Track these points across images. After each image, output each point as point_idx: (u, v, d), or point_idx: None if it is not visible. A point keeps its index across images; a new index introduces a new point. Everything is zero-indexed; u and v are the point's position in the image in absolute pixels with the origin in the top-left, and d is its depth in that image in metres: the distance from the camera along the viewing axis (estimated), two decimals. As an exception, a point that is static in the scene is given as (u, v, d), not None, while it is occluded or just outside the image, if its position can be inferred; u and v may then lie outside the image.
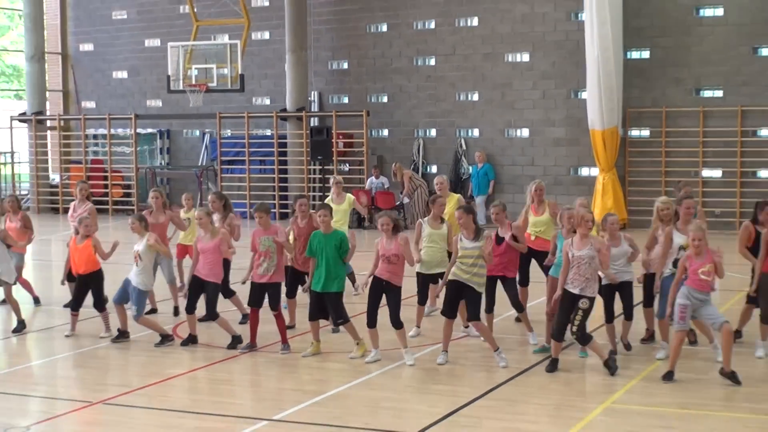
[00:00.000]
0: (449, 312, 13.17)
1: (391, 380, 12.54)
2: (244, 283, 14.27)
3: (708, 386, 11.91)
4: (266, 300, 13.80)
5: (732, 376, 11.70)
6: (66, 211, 31.26)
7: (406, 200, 23.63)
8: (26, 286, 17.79)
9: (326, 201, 17.32)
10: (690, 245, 12.07)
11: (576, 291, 12.40)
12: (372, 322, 13.12)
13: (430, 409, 11.09)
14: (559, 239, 13.37)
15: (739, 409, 10.98)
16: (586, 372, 12.82)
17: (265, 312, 13.80)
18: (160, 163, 33.77)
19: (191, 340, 14.21)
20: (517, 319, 14.85)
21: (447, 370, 12.88)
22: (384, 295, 13.21)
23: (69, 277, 15.49)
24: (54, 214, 33.14)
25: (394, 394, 11.95)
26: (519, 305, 14.21)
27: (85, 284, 14.91)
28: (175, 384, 12.53)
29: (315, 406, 11.35)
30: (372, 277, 13.25)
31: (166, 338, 14.24)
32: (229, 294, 15.26)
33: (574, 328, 12.47)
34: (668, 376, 12.03)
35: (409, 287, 14.26)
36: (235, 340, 14.03)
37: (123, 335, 14.45)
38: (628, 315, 13.51)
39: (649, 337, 13.84)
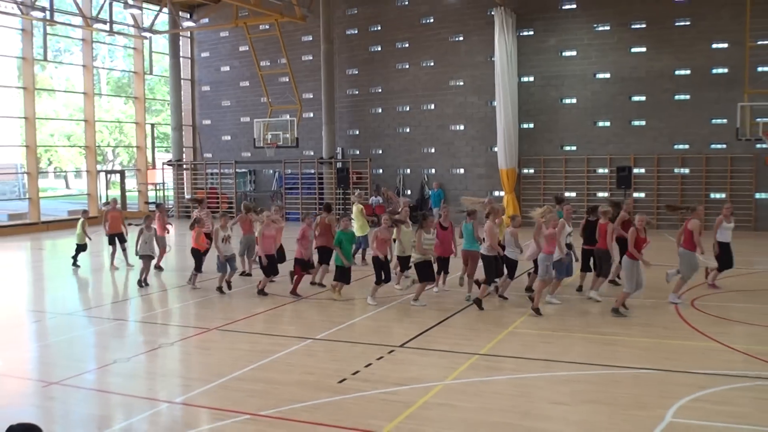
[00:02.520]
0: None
1: (384, 315, 12.69)
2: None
3: (569, 318, 12.07)
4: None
5: (536, 312, 12.13)
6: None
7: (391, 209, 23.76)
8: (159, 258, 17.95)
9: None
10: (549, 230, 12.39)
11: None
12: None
13: (406, 332, 11.31)
14: (464, 227, 13.46)
15: (585, 332, 11.18)
16: (498, 310, 12.81)
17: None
18: (249, 189, 33.75)
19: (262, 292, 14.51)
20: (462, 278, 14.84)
21: (417, 309, 12.83)
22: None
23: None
24: (187, 219, 32.95)
25: (385, 323, 12.13)
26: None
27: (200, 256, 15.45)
28: (258, 318, 12.60)
29: (338, 330, 11.41)
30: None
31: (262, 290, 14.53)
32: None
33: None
34: (537, 311, 12.22)
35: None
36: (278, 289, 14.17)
37: (221, 290, 14.71)
38: (512, 276, 13.54)
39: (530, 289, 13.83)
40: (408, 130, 30.05)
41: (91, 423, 7.69)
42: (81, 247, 18.65)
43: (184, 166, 34.86)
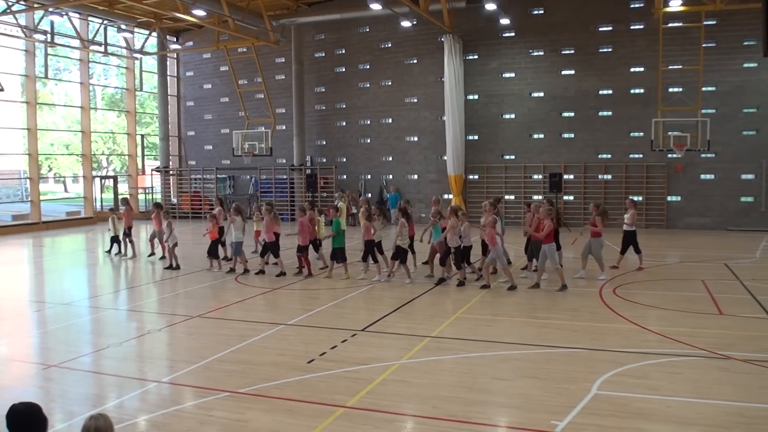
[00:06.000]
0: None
1: (347, 303, 12.57)
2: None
3: (508, 304, 12.04)
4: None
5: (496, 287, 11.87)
6: (181, 217, 30.88)
7: (354, 210, 23.75)
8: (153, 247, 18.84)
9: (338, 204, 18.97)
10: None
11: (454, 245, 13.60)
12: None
13: (367, 317, 11.22)
14: (434, 229, 13.81)
15: (522, 317, 11.15)
16: (447, 298, 12.76)
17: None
18: (229, 192, 33.26)
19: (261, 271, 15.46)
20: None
21: (376, 297, 12.78)
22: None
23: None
24: (173, 219, 32.46)
25: (348, 310, 12.05)
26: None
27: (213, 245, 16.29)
28: (235, 306, 12.40)
29: (308, 317, 11.37)
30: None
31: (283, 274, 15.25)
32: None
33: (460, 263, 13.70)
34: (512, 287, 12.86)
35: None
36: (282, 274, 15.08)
37: (233, 270, 15.63)
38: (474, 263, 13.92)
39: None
40: (369, 141, 29.95)
41: (86, 401, 7.50)
42: (115, 239, 19.39)
43: (171, 172, 34.30)
